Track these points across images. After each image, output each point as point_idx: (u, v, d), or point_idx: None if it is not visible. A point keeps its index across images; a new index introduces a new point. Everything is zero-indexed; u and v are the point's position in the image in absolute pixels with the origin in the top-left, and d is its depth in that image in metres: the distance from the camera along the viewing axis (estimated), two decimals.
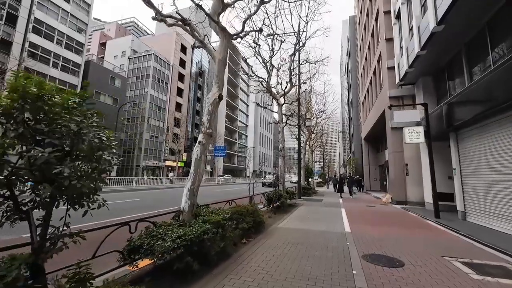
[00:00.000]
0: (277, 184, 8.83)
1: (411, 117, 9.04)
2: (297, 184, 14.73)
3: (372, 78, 18.98)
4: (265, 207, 9.22)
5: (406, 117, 9.17)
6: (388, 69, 13.51)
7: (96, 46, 48.77)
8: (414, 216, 8.99)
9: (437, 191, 8.75)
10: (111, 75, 33.85)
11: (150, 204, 10.42)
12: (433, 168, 8.26)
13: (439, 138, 9.51)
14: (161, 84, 43.28)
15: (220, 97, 4.64)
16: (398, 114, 9.11)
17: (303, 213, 8.96)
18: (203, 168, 4.30)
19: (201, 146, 4.30)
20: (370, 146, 25.26)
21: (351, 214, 9.03)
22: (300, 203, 12.01)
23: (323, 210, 9.98)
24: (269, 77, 11.27)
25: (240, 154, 71.19)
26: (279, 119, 11.42)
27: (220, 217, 3.97)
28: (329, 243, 4.94)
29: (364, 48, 23.49)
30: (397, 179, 12.76)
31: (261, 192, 9.79)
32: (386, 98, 13.62)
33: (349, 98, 46.19)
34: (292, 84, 11.88)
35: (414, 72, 10.43)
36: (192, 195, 4.01)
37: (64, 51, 27.72)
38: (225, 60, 4.94)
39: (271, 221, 7.34)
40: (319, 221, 7.38)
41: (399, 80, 11.39)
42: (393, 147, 13.02)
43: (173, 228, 3.39)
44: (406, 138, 9.08)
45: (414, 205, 11.91)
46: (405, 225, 7.25)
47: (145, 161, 39.33)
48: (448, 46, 8.40)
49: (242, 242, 4.86)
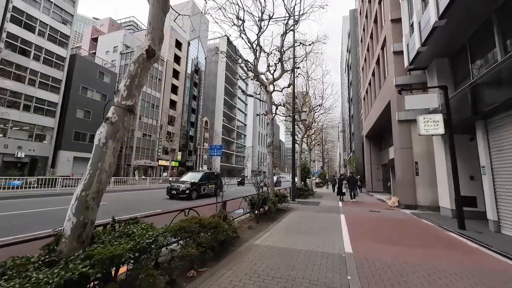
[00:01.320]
0: (260, 185, 7.14)
1: (427, 102, 7.32)
2: (291, 185, 13.06)
3: (375, 69, 17.29)
4: (247, 214, 7.56)
5: (420, 102, 7.45)
6: (394, 53, 11.83)
7: (88, 42, 47.11)
8: (431, 226, 7.29)
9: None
10: (100, 70, 32.19)
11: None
12: (455, 166, 6.57)
13: (458, 130, 7.83)
14: (154, 81, 41.60)
15: (150, 52, 2.96)
16: (411, 100, 7.42)
17: (294, 221, 7.29)
18: (112, 163, 2.62)
19: (108, 126, 2.62)
20: (372, 144, 23.57)
21: (353, 222, 7.36)
22: (293, 207, 10.34)
23: (319, 216, 8.30)
24: (256, 60, 9.61)
25: (239, 153, 69.55)
26: (267, 109, 9.76)
27: (130, 244, 2.30)
28: (320, 277, 3.27)
29: (365, 38, 21.81)
30: (405, 179, 11.08)
31: (245, 194, 8.12)
32: (392, 87, 11.95)
33: (350, 96, 44.51)
34: (283, 68, 10.20)
35: (427, 52, 8.75)
36: (82, 208, 2.35)
37: (47, 43, 26.09)
38: (164, 1, 3.26)
39: (250, 233, 5.68)
40: (311, 234, 5.70)
41: (408, 64, 9.71)
42: (400, 143, 11.33)
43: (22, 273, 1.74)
44: (421, 129, 7.39)
45: (426, 209, 10.23)
46: (424, 241, 5.57)
47: (136, 160, 37.69)
48: (473, 13, 6.72)
49: (187, 277, 3.20)
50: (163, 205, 10.36)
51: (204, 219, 4.10)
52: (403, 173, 11.16)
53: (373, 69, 17.95)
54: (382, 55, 15.06)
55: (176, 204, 10.51)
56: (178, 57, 48.06)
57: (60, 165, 27.38)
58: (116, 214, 3.56)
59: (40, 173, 25.07)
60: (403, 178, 11.13)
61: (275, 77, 10.19)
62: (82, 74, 29.56)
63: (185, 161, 49.19)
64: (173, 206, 9.72)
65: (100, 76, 32.01)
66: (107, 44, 44.52)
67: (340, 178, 15.02)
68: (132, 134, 37.95)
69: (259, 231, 5.99)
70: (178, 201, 11.64)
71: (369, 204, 12.77)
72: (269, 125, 9.50)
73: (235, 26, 9.72)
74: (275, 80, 10.17)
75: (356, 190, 14.12)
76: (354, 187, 14.07)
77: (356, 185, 14.19)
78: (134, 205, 10.08)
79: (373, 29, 17.73)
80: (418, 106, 7.67)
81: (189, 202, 11.27)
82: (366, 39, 20.90)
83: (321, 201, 13.57)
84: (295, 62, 10.94)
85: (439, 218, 8.24)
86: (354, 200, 13.62)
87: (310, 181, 20.02)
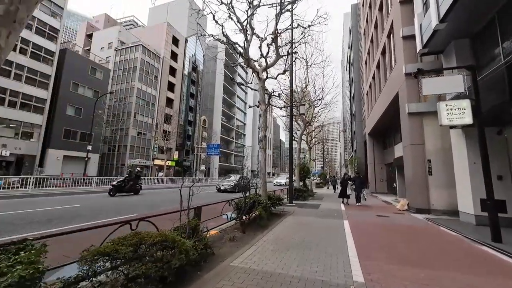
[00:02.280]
0: (247, 187, 5.89)
1: (451, 86, 5.98)
2: (289, 185, 11.81)
3: (380, 60, 16.03)
4: (231, 221, 6.32)
5: (442, 86, 6.12)
6: (403, 39, 10.57)
7: (82, 38, 45.95)
8: (455, 237, 6.02)
9: (481, 197, 5.84)
10: (92, 66, 30.99)
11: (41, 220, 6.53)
12: (487, 163, 5.29)
13: (485, 121, 6.57)
14: (150, 78, 40.42)
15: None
16: (430, 83, 6.11)
17: (288, 230, 6.04)
18: None
19: None
20: (376, 142, 22.29)
21: (359, 231, 6.11)
22: (290, 211, 9.10)
23: (318, 223, 7.05)
24: (246, 42, 8.36)
25: (238, 153, 68.32)
26: (260, 99, 8.51)
27: None
28: None
29: (369, 30, 20.53)
30: (416, 180, 9.80)
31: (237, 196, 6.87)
32: (401, 76, 10.69)
33: (351, 93, 43.18)
34: (278, 53, 8.94)
35: (445, 31, 7.48)
36: None
37: (34, 37, 24.92)
38: None
39: (230, 248, 4.44)
40: (308, 249, 4.46)
41: (422, 47, 8.44)
42: (411, 138, 10.06)
43: None
44: (443, 119, 6.11)
45: (440, 214, 8.97)
46: (455, 260, 4.30)
47: (131, 159, 36.49)
48: None
49: None
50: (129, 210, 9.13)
51: (153, 235, 2.86)
52: (414, 173, 9.88)
53: (377, 61, 16.68)
54: (389, 44, 13.79)
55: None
56: (175, 54, 46.87)
57: (49, 164, 26.19)
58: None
59: (27, 172, 23.88)
60: (414, 179, 9.86)
61: (269, 63, 8.94)
62: (73, 69, 28.38)
63: (182, 161, 47.98)
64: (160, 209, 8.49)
65: (92, 72, 30.82)
66: (102, 40, 43.36)
67: (344, 178, 12.99)
68: (126, 132, 36.79)
69: (243, 244, 4.75)
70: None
71: (374, 207, 11.49)
72: (262, 117, 8.24)
73: (223, 4, 8.50)
74: (268, 67, 8.91)
75: (363, 192, 12.06)
76: (361, 189, 12.06)
77: (363, 186, 12.19)
78: (115, 209, 8.85)
79: (378, 17, 16.47)
80: (440, 90, 6.39)
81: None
82: (370, 29, 19.62)
83: (321, 203, 12.32)
84: (293, 44, 9.66)
85: (461, 226, 6.97)
86: (359, 204, 12.01)
87: (310, 181, 18.76)
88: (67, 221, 6.46)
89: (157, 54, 42.16)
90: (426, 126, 9.73)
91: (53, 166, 26.14)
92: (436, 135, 9.50)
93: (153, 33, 45.28)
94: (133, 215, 7.53)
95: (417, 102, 10.02)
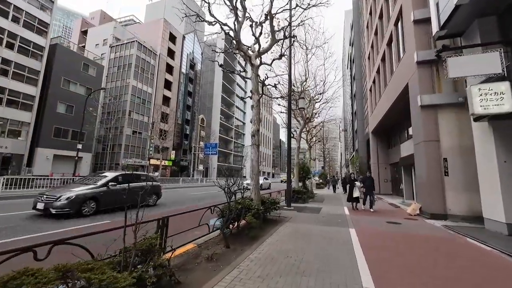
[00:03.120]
0: (232, 190, 4.78)
1: (483, 65, 4.85)
2: (286, 187, 10.70)
3: (385, 52, 14.91)
4: (215, 231, 5.21)
5: (473, 66, 4.97)
6: (415, 23, 9.45)
7: (77, 34, 44.87)
8: (487, 252, 4.90)
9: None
10: (84, 62, 29.88)
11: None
12: None
13: None
14: (145, 75, 39.30)
15: None
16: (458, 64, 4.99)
17: (282, 245, 4.92)
18: None
19: None
20: (379, 141, 21.17)
21: (371, 246, 4.98)
22: (287, 217, 7.99)
23: (319, 234, 5.93)
24: (236, 23, 7.25)
25: (237, 153, 67.16)
26: (253, 88, 7.40)
27: None
28: None
29: (373, 22, 19.42)
30: (429, 181, 8.67)
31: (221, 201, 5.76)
32: (412, 65, 9.58)
33: (352, 91, 42.03)
34: (274, 37, 7.83)
35: (467, 9, 6.36)
36: None
37: (22, 31, 23.84)
38: None
39: (205, 272, 3.34)
40: (305, 276, 3.34)
41: (440, 28, 7.32)
42: (424, 134, 8.93)
43: None
44: (475, 106, 5.00)
45: (459, 220, 7.85)
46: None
47: (125, 159, 35.41)
48: None
49: None
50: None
51: (45, 274, 1.75)
52: (427, 174, 8.75)
53: (382, 53, 15.57)
54: (396, 33, 12.67)
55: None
56: (172, 51, 45.76)
57: (38, 163, 25.11)
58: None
59: (15, 172, 22.82)
60: (428, 180, 8.73)
61: (264, 48, 7.83)
62: (64, 65, 27.28)
63: (180, 160, 46.88)
64: None
65: (84, 68, 29.72)
66: (97, 37, 42.30)
67: (350, 178, 11.06)
68: (121, 131, 35.70)
69: (223, 265, 3.65)
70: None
71: (382, 211, 10.34)
72: (254, 108, 7.13)
73: None
74: (262, 52, 7.80)
75: (374, 195, 9.99)
76: (372, 191, 10.07)
77: (374, 188, 10.09)
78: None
79: (383, 7, 15.35)
80: (470, 72, 5.26)
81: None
82: (374, 21, 18.50)
83: (322, 206, 11.20)
84: (291, 26, 8.53)
85: (489, 236, 5.85)
86: (365, 208, 10.38)
87: (310, 182, 17.64)
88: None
89: (153, 51, 41.06)
90: (442, 120, 8.61)
91: (42, 166, 25.05)
92: (453, 130, 8.38)
93: (150, 29, 44.18)
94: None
95: (430, 94, 8.89)
